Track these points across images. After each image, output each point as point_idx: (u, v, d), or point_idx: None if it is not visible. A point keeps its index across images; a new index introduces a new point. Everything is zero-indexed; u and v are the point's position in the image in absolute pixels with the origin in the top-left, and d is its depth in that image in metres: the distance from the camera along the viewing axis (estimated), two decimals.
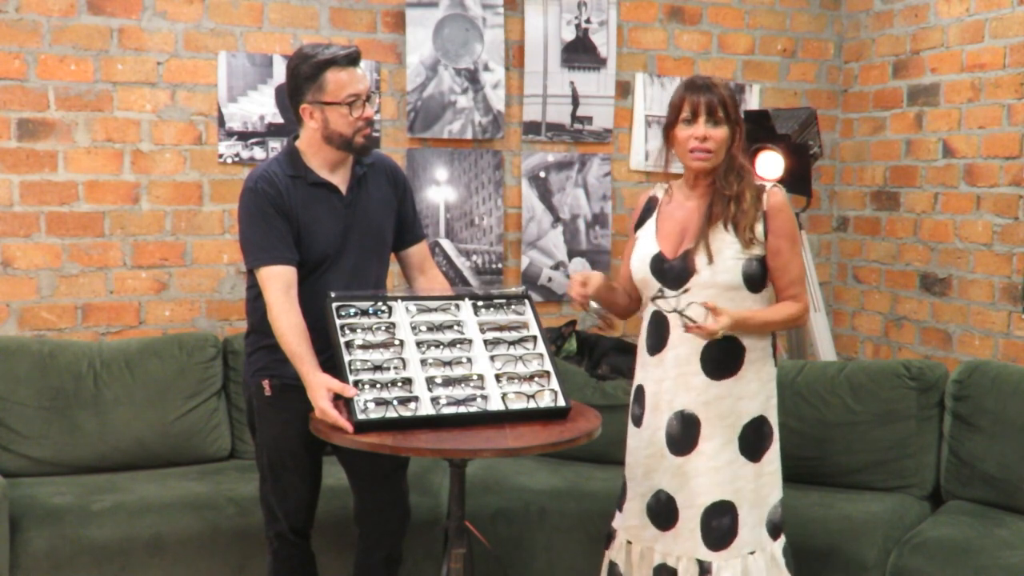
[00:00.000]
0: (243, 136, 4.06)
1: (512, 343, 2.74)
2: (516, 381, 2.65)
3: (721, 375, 2.69)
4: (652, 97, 4.59)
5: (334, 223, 2.75)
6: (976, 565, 2.91)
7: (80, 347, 3.70)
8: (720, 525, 2.68)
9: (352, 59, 2.68)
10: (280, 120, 4.09)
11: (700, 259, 2.65)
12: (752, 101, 4.72)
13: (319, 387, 2.52)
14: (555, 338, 4.15)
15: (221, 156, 4.05)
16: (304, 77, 2.66)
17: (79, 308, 3.93)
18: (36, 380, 3.57)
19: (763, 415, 2.73)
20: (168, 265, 4.03)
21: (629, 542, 2.84)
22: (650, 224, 2.81)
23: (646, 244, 2.78)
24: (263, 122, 4.08)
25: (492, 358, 2.68)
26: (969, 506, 3.33)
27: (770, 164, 4.09)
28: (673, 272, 2.69)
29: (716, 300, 2.64)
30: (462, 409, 2.55)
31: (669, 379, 2.73)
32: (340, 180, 2.78)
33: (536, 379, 2.66)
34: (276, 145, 4.06)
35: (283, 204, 2.69)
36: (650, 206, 2.86)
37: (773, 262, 2.69)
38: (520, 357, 2.70)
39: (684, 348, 2.69)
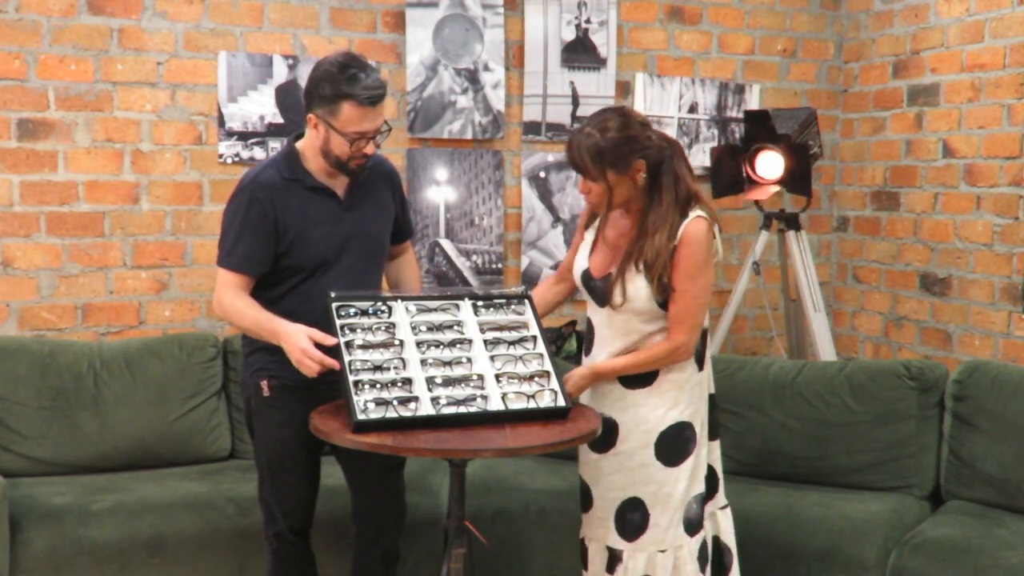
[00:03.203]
0: (243, 136, 4.06)
1: (512, 343, 2.74)
2: (516, 381, 2.65)
3: (634, 385, 2.71)
4: (652, 97, 4.59)
5: (331, 228, 2.75)
6: (976, 565, 2.91)
7: (80, 347, 3.70)
8: (632, 519, 2.73)
9: (373, 100, 2.63)
10: (280, 120, 4.09)
11: (616, 290, 2.66)
12: (752, 101, 4.72)
13: (297, 332, 2.53)
14: (555, 338, 4.15)
15: (221, 156, 4.05)
16: (321, 95, 2.64)
17: (79, 308, 3.93)
18: (36, 380, 3.57)
19: (684, 421, 2.71)
20: (168, 265, 4.03)
21: None
22: (591, 233, 2.82)
23: (581, 256, 2.81)
24: (263, 122, 4.08)
25: (492, 358, 2.68)
26: (969, 506, 3.33)
27: (770, 164, 4.09)
28: (597, 292, 2.74)
29: (631, 320, 2.67)
30: (462, 409, 2.55)
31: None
32: (338, 184, 2.78)
33: (536, 379, 2.66)
34: (276, 145, 4.06)
35: (273, 213, 2.69)
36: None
37: (670, 292, 2.65)
38: (520, 357, 2.70)
39: (602, 356, 2.75)
